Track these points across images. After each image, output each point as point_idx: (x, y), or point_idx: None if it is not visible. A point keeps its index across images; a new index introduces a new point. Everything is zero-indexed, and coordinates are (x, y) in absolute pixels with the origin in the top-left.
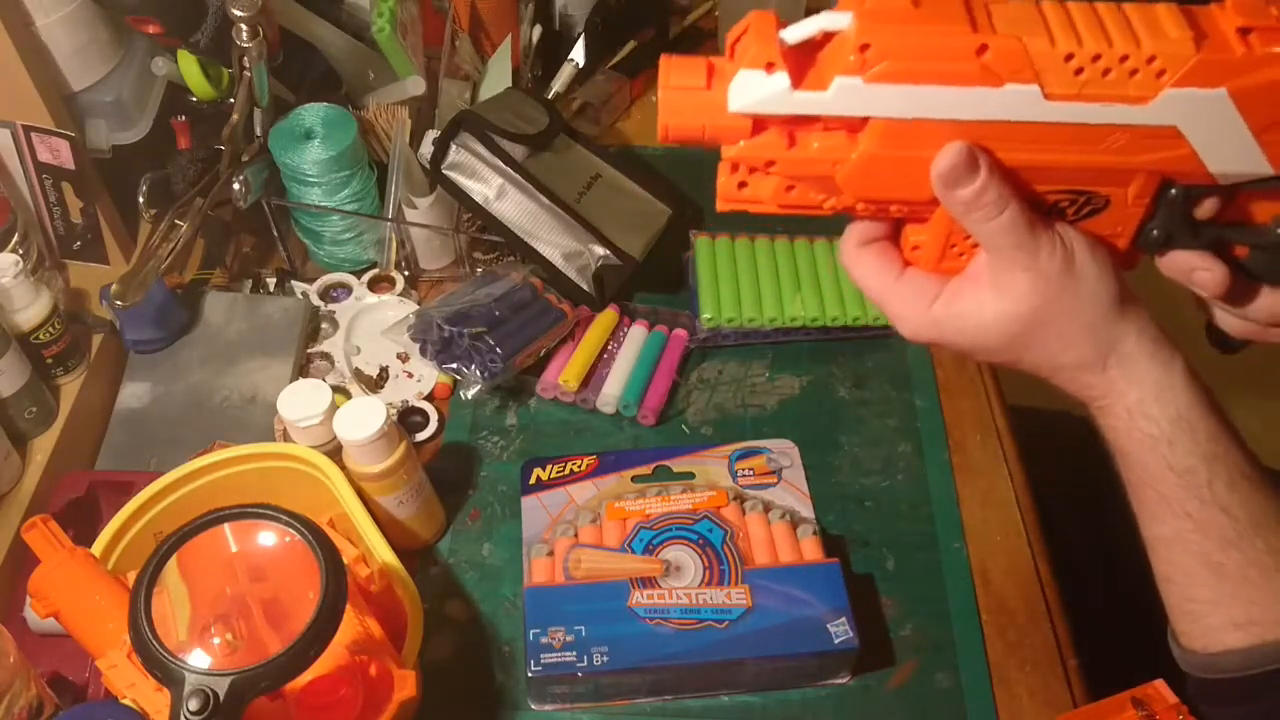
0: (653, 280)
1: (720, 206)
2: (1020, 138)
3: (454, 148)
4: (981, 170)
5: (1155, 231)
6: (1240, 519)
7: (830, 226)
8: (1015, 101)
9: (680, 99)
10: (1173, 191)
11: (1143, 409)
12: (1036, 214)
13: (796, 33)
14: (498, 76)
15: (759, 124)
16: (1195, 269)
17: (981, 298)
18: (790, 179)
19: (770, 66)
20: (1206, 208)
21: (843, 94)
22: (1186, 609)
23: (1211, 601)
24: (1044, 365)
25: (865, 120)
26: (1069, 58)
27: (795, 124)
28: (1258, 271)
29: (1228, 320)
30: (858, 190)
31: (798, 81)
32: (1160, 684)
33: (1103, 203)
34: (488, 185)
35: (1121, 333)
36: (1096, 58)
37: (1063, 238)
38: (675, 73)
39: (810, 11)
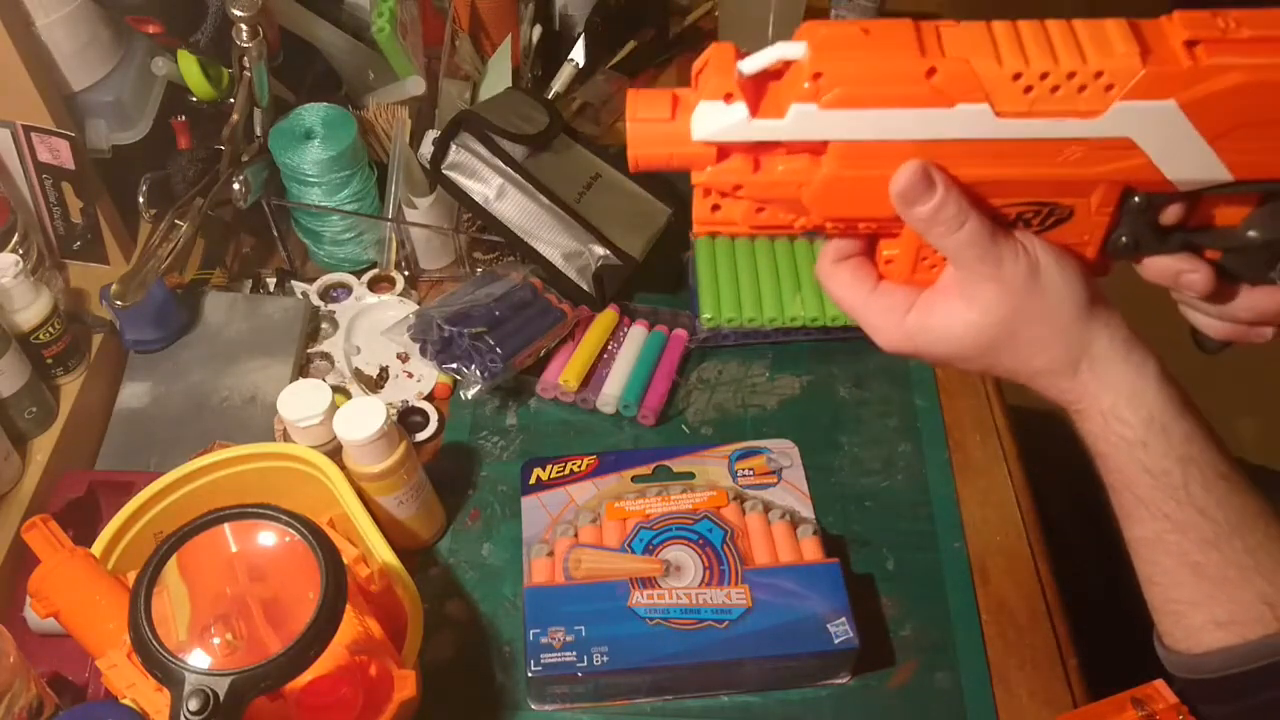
0: (653, 280)
1: (696, 231)
2: (977, 154)
3: (454, 148)
4: (938, 186)
5: (1123, 239)
6: (1218, 519)
7: None
8: (967, 120)
9: (646, 130)
10: (1135, 199)
11: (1116, 412)
12: (999, 226)
13: (754, 63)
14: (498, 76)
15: (723, 151)
16: (1181, 272)
17: (951, 308)
18: (759, 201)
19: (729, 97)
20: (1171, 214)
21: (799, 120)
22: (1169, 609)
23: (1192, 602)
24: (1020, 371)
25: (825, 144)
26: (1017, 76)
27: (758, 150)
28: (1235, 271)
29: (1208, 323)
30: (824, 210)
31: (755, 110)
32: (1160, 684)
33: (1066, 213)
34: (488, 185)
35: (1092, 336)
36: (1044, 75)
37: (1026, 246)
38: (641, 105)
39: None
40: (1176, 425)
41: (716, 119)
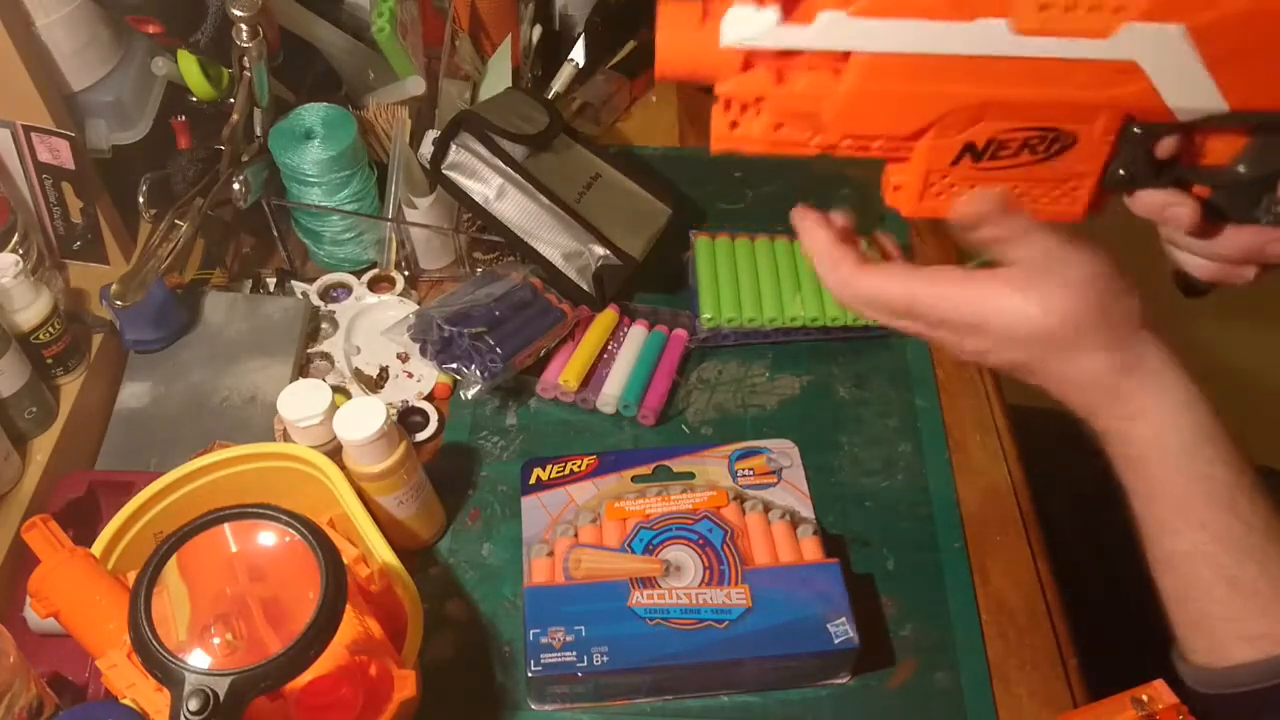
0: (653, 280)
1: (714, 147)
2: (991, 72)
3: (454, 148)
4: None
5: (1120, 170)
6: (1258, 530)
7: None
8: (985, 35)
9: (675, 36)
10: (1135, 130)
11: (1172, 418)
12: (1062, 233)
13: None
14: (498, 76)
15: (748, 60)
16: (1168, 205)
17: (1014, 301)
18: (779, 116)
19: (762, 1)
20: (1166, 147)
21: (827, 28)
22: (1199, 625)
23: (1224, 617)
24: (1070, 370)
25: (848, 57)
26: None
27: (783, 60)
28: (1223, 208)
29: (1194, 263)
30: (843, 126)
31: (787, 15)
32: (1160, 684)
33: (1071, 140)
34: (488, 185)
35: (1146, 347)
36: None
37: (1090, 255)
38: (671, 12)
39: None
40: (1222, 436)
41: (746, 23)
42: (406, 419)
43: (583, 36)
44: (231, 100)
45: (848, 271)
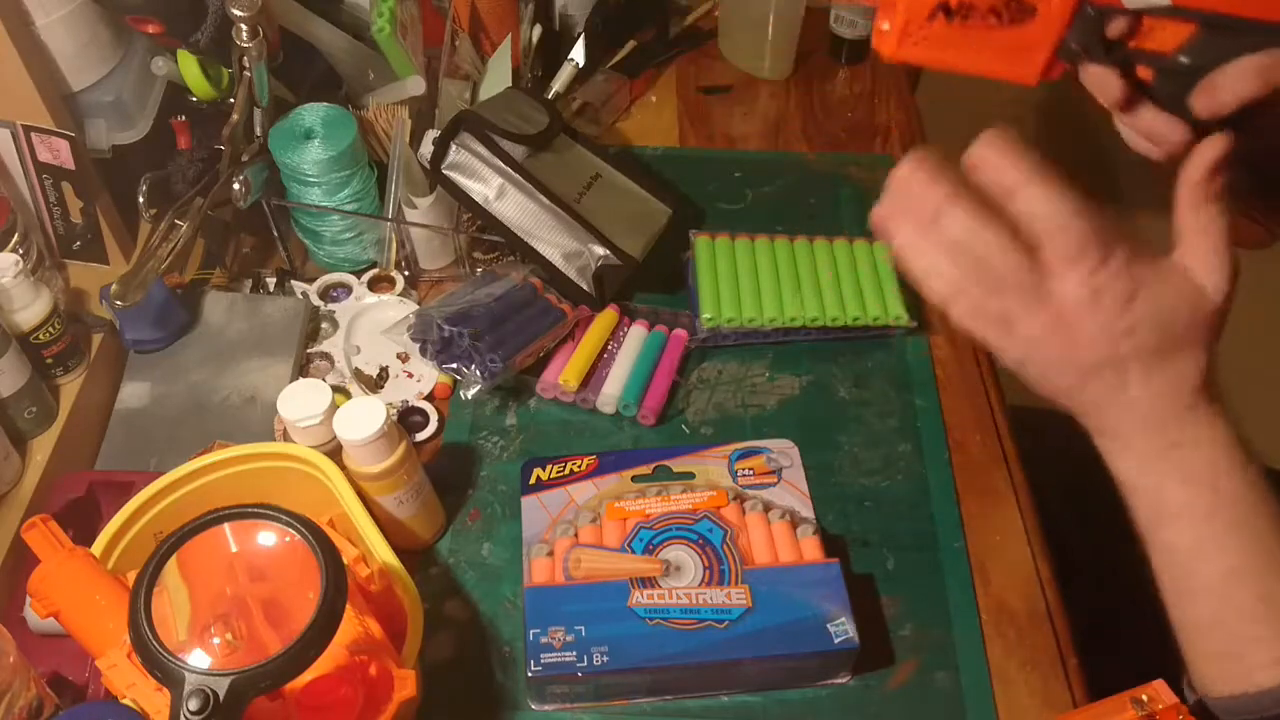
0: (653, 280)
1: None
2: None
3: (454, 148)
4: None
5: (1073, 44)
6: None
7: (828, 227)
8: None
9: None
10: (1089, 9)
11: (1234, 435)
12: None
13: None
14: (498, 76)
15: None
16: (1104, 79)
17: (1183, 277)
18: None
19: None
20: (1117, 27)
21: None
22: (1227, 653)
23: (1256, 638)
24: (1194, 364)
25: None
26: None
27: None
28: (1159, 96)
29: (1126, 134)
30: None
31: None
32: (1160, 684)
33: (1031, 10)
34: (487, 185)
35: (1216, 369)
36: None
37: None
38: None
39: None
40: (1257, 457)
41: None
42: (406, 419)
43: (583, 36)
44: (231, 100)
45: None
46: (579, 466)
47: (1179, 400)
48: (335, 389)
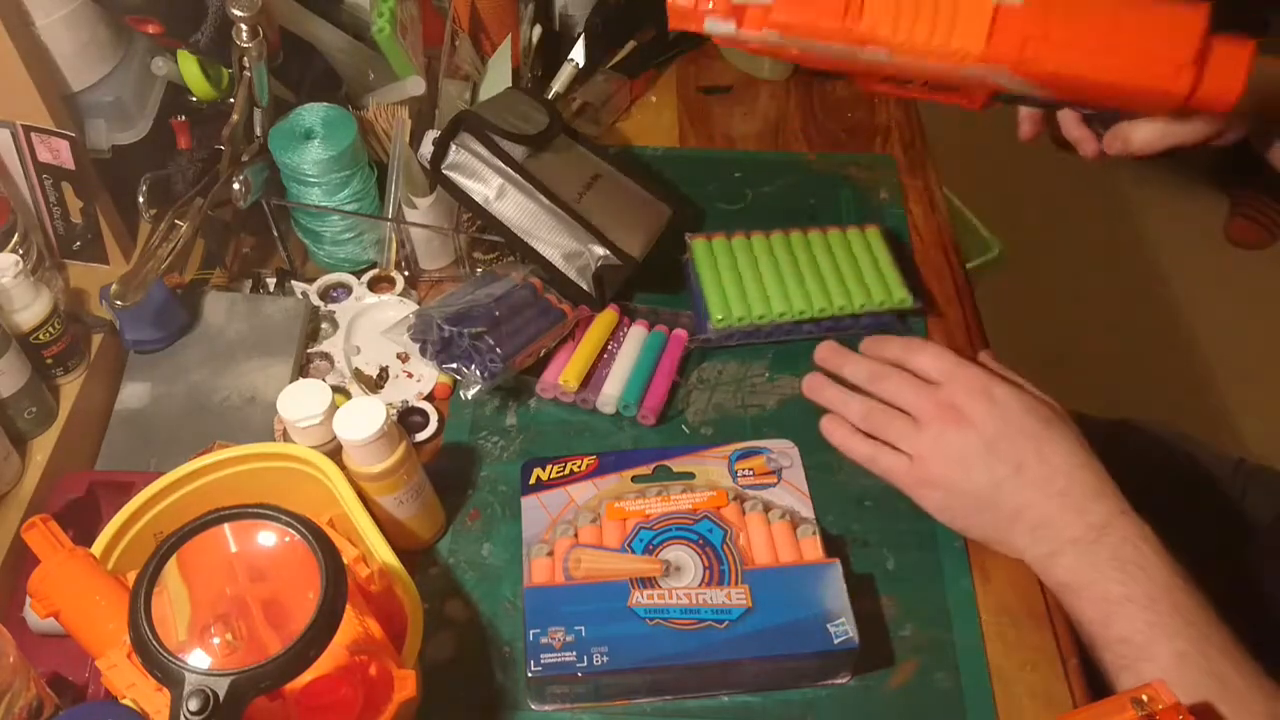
0: (653, 280)
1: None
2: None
3: (454, 148)
4: None
5: (1001, 100)
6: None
7: (823, 219)
8: (873, 56)
9: None
10: (1001, 98)
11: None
12: None
13: None
14: (498, 76)
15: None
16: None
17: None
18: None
19: (725, 16)
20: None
21: (764, 35)
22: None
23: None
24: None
25: None
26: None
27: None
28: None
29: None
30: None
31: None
32: (1160, 684)
33: (956, 87)
34: (488, 185)
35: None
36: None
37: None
38: None
39: None
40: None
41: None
42: (406, 419)
43: (583, 36)
44: (231, 100)
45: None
46: (579, 467)
47: (1089, 480)
48: (335, 389)
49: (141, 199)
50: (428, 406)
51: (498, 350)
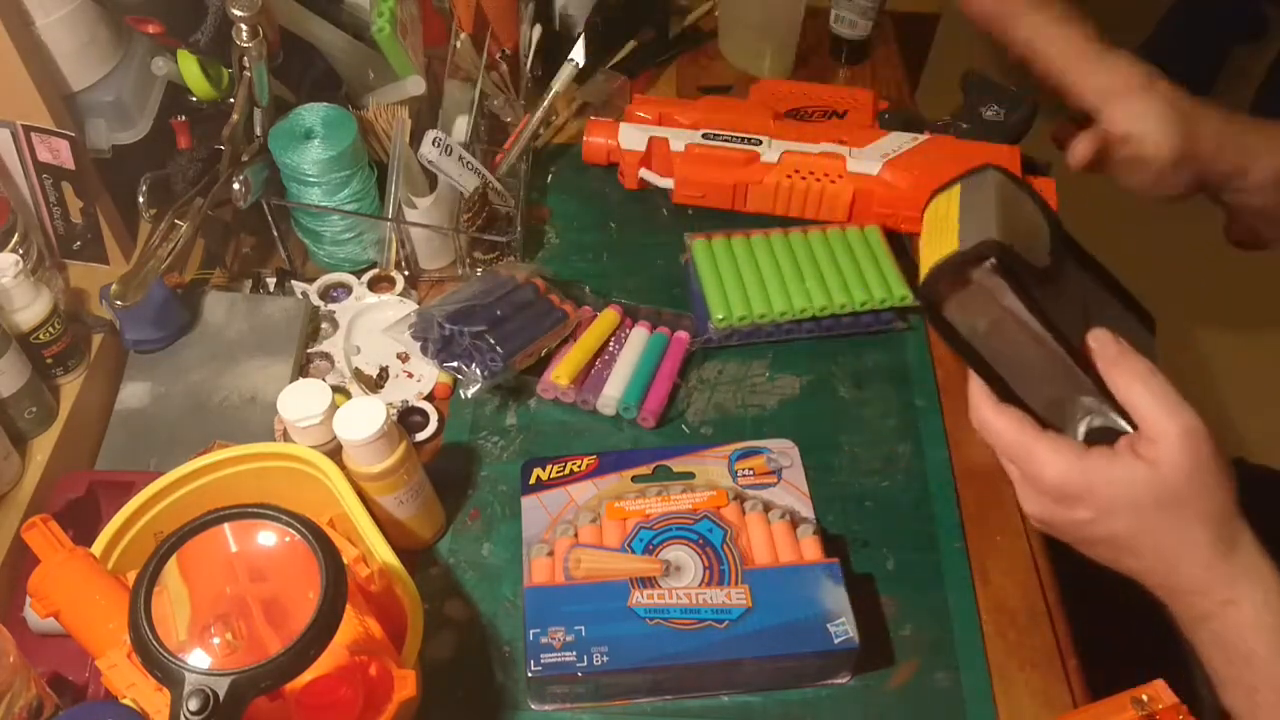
0: (653, 281)
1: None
2: None
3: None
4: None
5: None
6: None
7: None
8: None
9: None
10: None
11: (1269, 602)
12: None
13: None
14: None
15: None
16: None
17: (1133, 462)
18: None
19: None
20: None
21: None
22: None
23: None
24: (1174, 542)
25: None
26: None
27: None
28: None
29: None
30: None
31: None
32: (1160, 684)
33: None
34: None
35: (1244, 526)
36: None
37: (1206, 429)
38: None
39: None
40: None
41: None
42: (406, 419)
43: (583, 36)
44: (231, 100)
45: (982, 403)
46: (579, 466)
47: (1197, 570)
48: (335, 389)
49: (141, 199)
50: (428, 406)
51: (498, 349)
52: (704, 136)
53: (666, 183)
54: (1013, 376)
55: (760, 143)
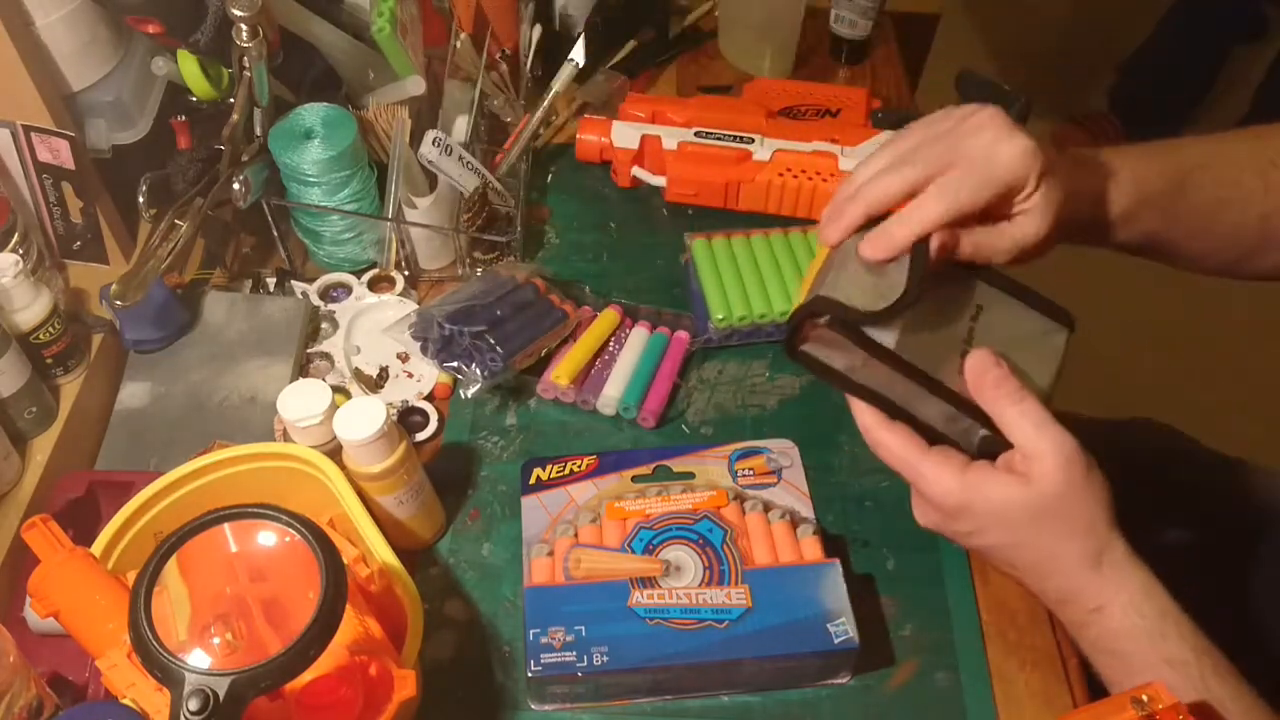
0: (653, 281)
1: None
2: None
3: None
4: (1005, 365)
5: None
6: (1233, 711)
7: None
8: None
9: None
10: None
11: (1135, 606)
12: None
13: None
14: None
15: None
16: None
17: (1008, 479)
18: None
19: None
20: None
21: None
22: None
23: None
24: (1044, 556)
25: None
26: None
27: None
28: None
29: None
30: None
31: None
32: (1160, 684)
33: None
34: (851, 356)
35: (1114, 536)
36: None
37: (1076, 444)
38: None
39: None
40: (1184, 619)
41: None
42: (406, 419)
43: (583, 36)
44: (231, 100)
45: (873, 424)
46: (579, 466)
47: (1066, 582)
48: (335, 389)
49: (141, 199)
50: (428, 406)
51: (498, 349)
52: (696, 134)
53: (659, 180)
54: (898, 398)
55: (753, 141)
